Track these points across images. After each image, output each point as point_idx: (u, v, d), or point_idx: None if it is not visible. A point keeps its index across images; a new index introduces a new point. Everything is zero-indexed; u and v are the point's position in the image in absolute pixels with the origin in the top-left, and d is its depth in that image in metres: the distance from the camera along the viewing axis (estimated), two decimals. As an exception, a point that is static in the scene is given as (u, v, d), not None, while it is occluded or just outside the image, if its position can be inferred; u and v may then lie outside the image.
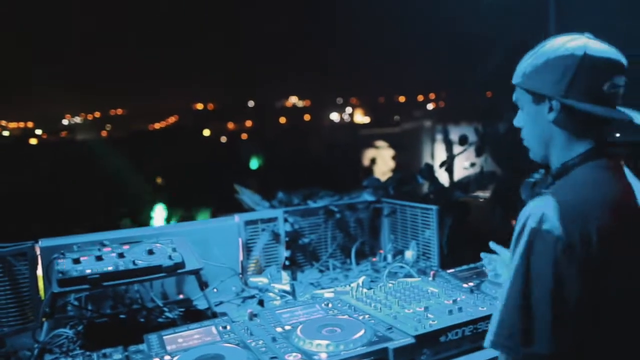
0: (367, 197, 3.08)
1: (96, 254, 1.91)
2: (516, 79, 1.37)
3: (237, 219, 2.70)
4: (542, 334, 1.08)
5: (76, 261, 1.85)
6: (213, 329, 1.80)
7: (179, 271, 1.93)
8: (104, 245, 2.07)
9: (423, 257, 2.77)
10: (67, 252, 1.95)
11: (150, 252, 1.97)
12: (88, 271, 1.80)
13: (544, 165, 1.43)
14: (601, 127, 1.29)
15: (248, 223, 2.72)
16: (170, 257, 1.93)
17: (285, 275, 2.46)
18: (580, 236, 1.10)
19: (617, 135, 2.97)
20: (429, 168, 3.67)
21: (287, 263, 2.64)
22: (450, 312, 1.82)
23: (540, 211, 1.16)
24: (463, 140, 4.10)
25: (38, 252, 2.14)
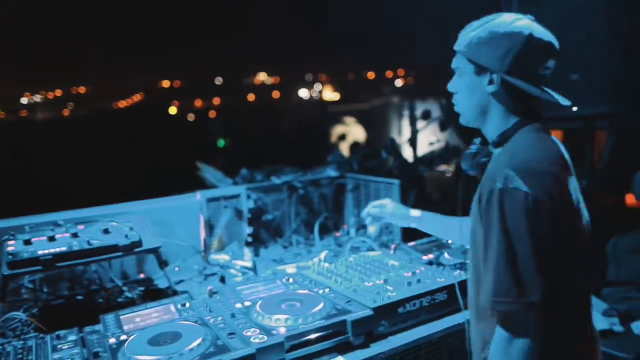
0: (331, 172, 3.08)
1: (49, 234, 1.86)
2: (459, 46, 1.42)
3: (199, 196, 2.66)
4: (532, 285, 1.18)
5: (27, 242, 1.79)
6: (172, 307, 1.78)
7: (137, 250, 1.89)
8: (58, 226, 2.01)
9: (386, 231, 2.80)
10: (18, 234, 1.89)
11: (106, 231, 1.92)
12: (40, 252, 1.75)
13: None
14: (532, 103, 1.39)
15: (210, 200, 2.69)
16: (127, 236, 1.89)
17: (247, 252, 2.45)
18: (542, 190, 1.20)
19: (575, 109, 3.05)
20: (393, 143, 3.69)
21: (249, 240, 2.62)
22: (409, 284, 1.85)
23: (503, 173, 1.23)
24: (427, 115, 4.12)
25: (-12, 234, 2.07)
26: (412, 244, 2.40)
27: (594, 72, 2.80)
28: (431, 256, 2.18)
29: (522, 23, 1.35)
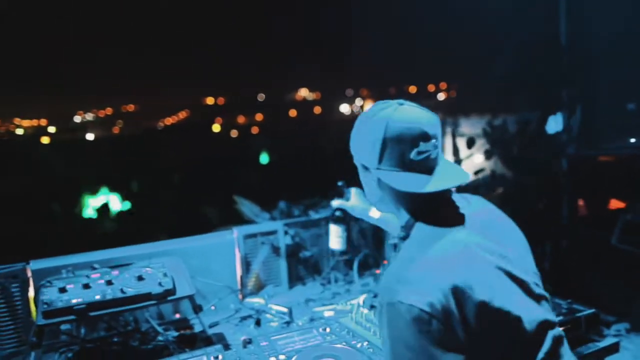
0: (371, 206, 2.98)
1: (83, 281, 1.85)
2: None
3: (236, 233, 2.62)
4: None
5: (62, 290, 1.78)
6: (204, 359, 1.73)
7: (170, 298, 1.85)
8: (94, 269, 2.01)
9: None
10: (54, 280, 1.89)
11: (140, 277, 1.89)
12: (74, 301, 1.74)
13: None
14: (423, 195, 1.25)
15: (247, 237, 2.64)
16: (160, 284, 1.86)
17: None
18: (426, 303, 1.09)
19: (632, 140, 2.86)
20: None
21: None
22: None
23: (388, 284, 1.17)
24: (470, 143, 3.96)
25: (29, 274, 2.09)
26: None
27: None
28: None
29: (381, 115, 1.28)
